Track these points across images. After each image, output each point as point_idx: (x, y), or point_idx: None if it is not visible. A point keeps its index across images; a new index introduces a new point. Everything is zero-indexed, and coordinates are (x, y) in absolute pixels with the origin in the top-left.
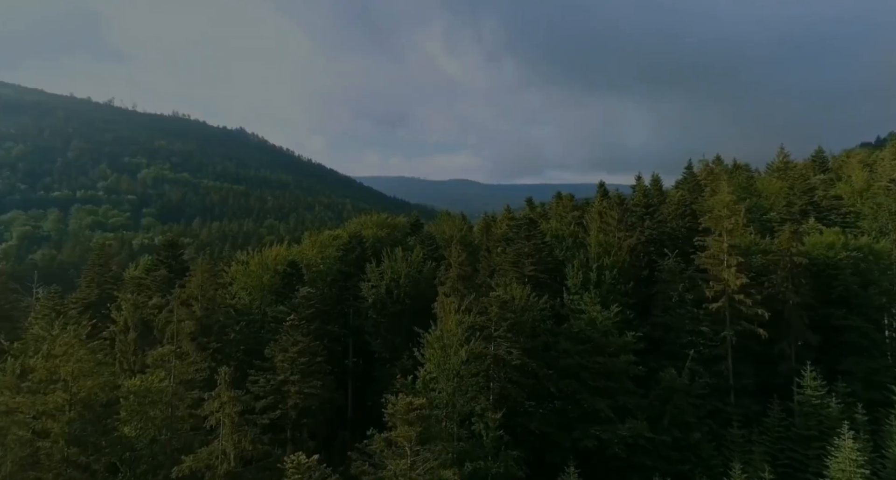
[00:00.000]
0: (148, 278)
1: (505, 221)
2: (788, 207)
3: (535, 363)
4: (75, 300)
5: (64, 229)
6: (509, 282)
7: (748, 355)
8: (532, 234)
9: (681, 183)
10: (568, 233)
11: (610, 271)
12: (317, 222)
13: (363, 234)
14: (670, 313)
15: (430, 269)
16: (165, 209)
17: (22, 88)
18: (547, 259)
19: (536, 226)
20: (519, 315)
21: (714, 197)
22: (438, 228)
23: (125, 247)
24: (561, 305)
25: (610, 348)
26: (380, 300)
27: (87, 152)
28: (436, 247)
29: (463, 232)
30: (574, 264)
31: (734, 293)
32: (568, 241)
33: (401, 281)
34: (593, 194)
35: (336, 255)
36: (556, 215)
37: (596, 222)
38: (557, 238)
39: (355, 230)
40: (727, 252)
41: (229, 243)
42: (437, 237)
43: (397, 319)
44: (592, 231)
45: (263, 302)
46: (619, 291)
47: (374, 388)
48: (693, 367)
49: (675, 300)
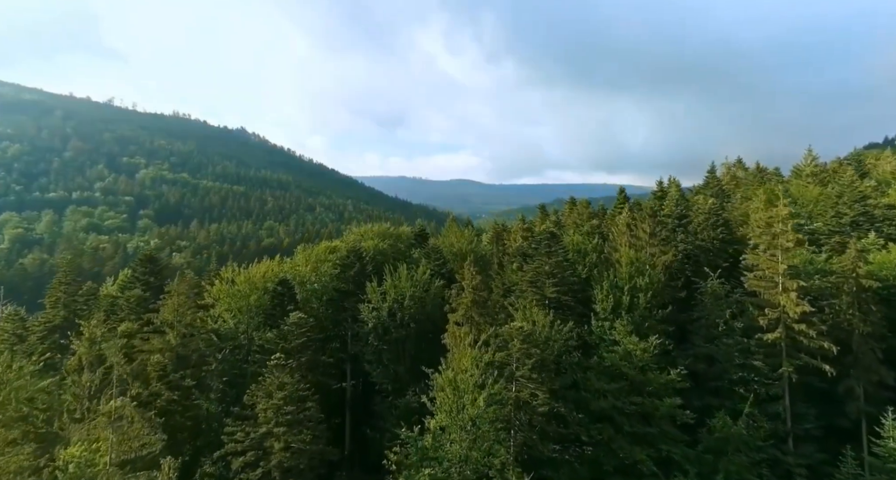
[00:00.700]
0: (122, 297)
1: (519, 232)
2: (837, 217)
3: (562, 405)
4: (38, 324)
5: (58, 231)
6: (528, 305)
7: (809, 393)
8: (553, 250)
9: (702, 188)
10: (591, 247)
11: (644, 293)
12: (317, 223)
13: (363, 246)
14: (716, 343)
15: (437, 288)
16: (163, 211)
17: (21, 87)
18: (571, 279)
19: (558, 241)
20: (543, 350)
21: (746, 205)
22: (446, 240)
23: (120, 250)
24: (588, 332)
25: (649, 386)
26: (381, 324)
27: (85, 152)
28: (443, 262)
29: (473, 245)
30: (603, 286)
31: (793, 323)
32: (592, 256)
33: (405, 303)
34: (595, 194)
35: (332, 272)
36: (571, 223)
37: (624, 236)
38: (579, 253)
39: (354, 243)
40: (784, 274)
41: (227, 246)
42: (445, 251)
43: (400, 345)
44: (622, 246)
45: (250, 326)
46: (656, 317)
47: (375, 423)
48: (749, 411)
49: (721, 329)
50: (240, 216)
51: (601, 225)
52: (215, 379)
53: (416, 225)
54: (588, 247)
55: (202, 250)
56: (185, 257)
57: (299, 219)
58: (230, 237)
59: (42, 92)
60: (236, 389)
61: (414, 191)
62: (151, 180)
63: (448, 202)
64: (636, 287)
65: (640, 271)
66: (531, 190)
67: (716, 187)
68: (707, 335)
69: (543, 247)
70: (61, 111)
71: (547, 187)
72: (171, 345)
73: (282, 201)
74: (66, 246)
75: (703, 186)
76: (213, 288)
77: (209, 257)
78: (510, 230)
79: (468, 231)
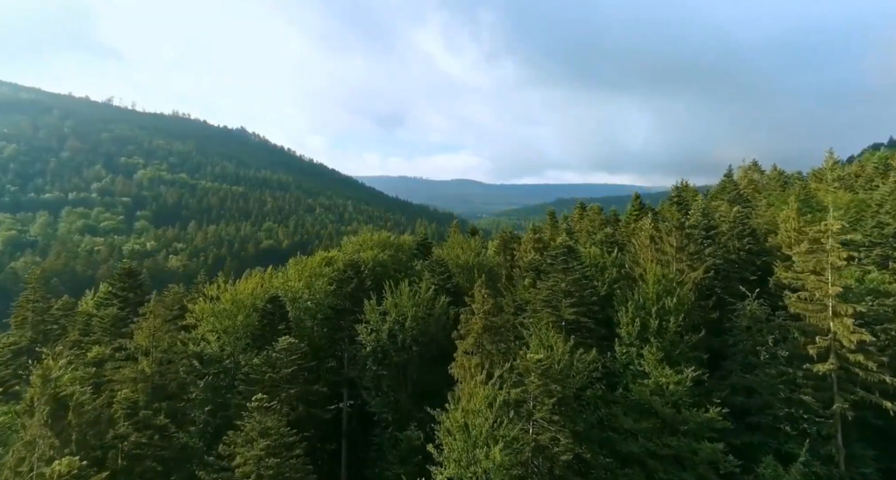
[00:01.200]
0: (95, 317)
1: (531, 243)
2: (878, 228)
3: (587, 449)
4: (1, 347)
5: (52, 233)
6: (544, 327)
7: (866, 432)
8: (570, 267)
9: (719, 192)
10: (610, 261)
11: (674, 316)
12: (317, 224)
13: (362, 257)
14: (756, 373)
15: (442, 306)
16: (160, 212)
17: (19, 87)
18: (591, 299)
19: (576, 256)
20: (564, 385)
21: (771, 212)
22: (450, 251)
23: (115, 253)
24: (612, 359)
25: (685, 426)
26: (380, 347)
27: (83, 152)
28: (448, 276)
29: (480, 257)
30: (628, 308)
31: (848, 353)
32: (611, 271)
33: (406, 324)
34: (596, 194)
35: (327, 288)
36: (583, 231)
37: (648, 250)
38: (597, 268)
39: (352, 254)
40: (835, 297)
41: (225, 248)
42: (450, 263)
43: (402, 370)
44: (645, 261)
45: (237, 348)
46: (688, 342)
47: (374, 457)
48: (804, 459)
49: (763, 358)
50: (238, 217)
51: (615, 233)
52: (196, 409)
53: (418, 233)
54: (607, 261)
55: (199, 252)
56: (182, 259)
57: (299, 220)
58: (228, 239)
59: (40, 91)
60: (220, 420)
61: (414, 191)
62: (149, 180)
63: (449, 202)
64: (664, 309)
65: (668, 290)
66: (532, 190)
67: (733, 192)
68: (745, 363)
69: (559, 263)
70: (59, 111)
71: (548, 186)
72: (145, 374)
73: (281, 201)
74: (59, 249)
75: (720, 190)
76: (196, 307)
77: (206, 260)
78: (520, 240)
79: (474, 241)
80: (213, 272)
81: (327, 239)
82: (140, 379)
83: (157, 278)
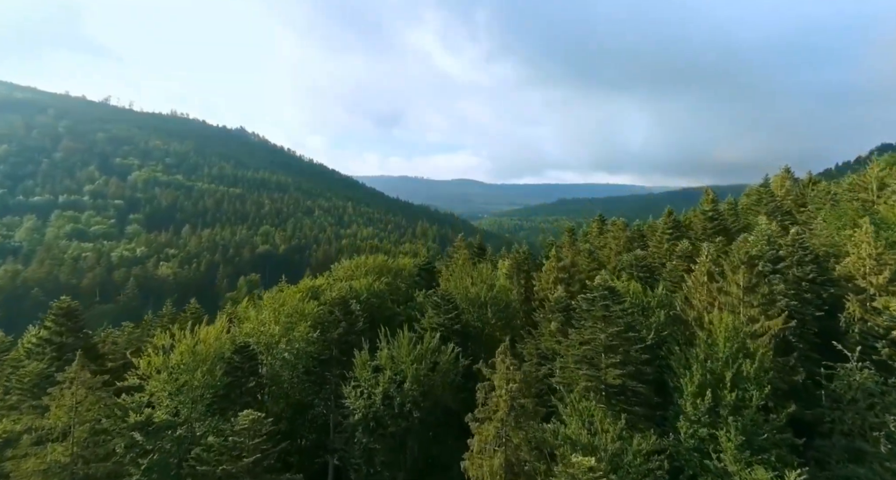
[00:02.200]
0: (17, 372)
1: (553, 272)
2: None
3: None
4: None
5: (39, 238)
6: (578, 392)
7: None
8: (612, 315)
9: (754, 204)
10: (656, 302)
11: (757, 388)
12: (315, 228)
13: (354, 287)
14: (871, 466)
15: (450, 359)
16: (154, 215)
17: (14, 86)
18: (639, 358)
19: (618, 299)
20: None
21: (830, 232)
22: (458, 282)
23: (103, 260)
24: (674, 442)
25: None
26: (373, 413)
27: (77, 153)
28: (456, 314)
29: (494, 291)
30: (692, 372)
31: None
32: (657, 314)
33: (406, 385)
34: (597, 194)
35: (309, 335)
36: (605, 247)
37: (704, 291)
38: (638, 307)
39: (343, 283)
40: None
41: (219, 253)
42: (458, 296)
43: (399, 442)
44: (701, 303)
45: (193, 411)
46: (775, 422)
47: None
48: None
49: (883, 448)
50: (235, 221)
51: (647, 256)
52: None
53: (419, 257)
54: (651, 300)
55: (192, 259)
56: (173, 266)
57: (297, 223)
58: (223, 244)
59: (36, 90)
60: None
61: (415, 191)
62: (144, 182)
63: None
64: (741, 375)
65: (742, 347)
66: (533, 190)
67: (771, 204)
68: (849, 448)
69: (598, 308)
70: (54, 110)
71: (549, 186)
72: (60, 465)
73: (279, 203)
74: (44, 255)
75: (756, 201)
76: (143, 362)
77: (198, 267)
78: (538, 265)
79: (486, 269)
80: (206, 280)
81: (325, 243)
82: (53, 472)
83: (145, 286)
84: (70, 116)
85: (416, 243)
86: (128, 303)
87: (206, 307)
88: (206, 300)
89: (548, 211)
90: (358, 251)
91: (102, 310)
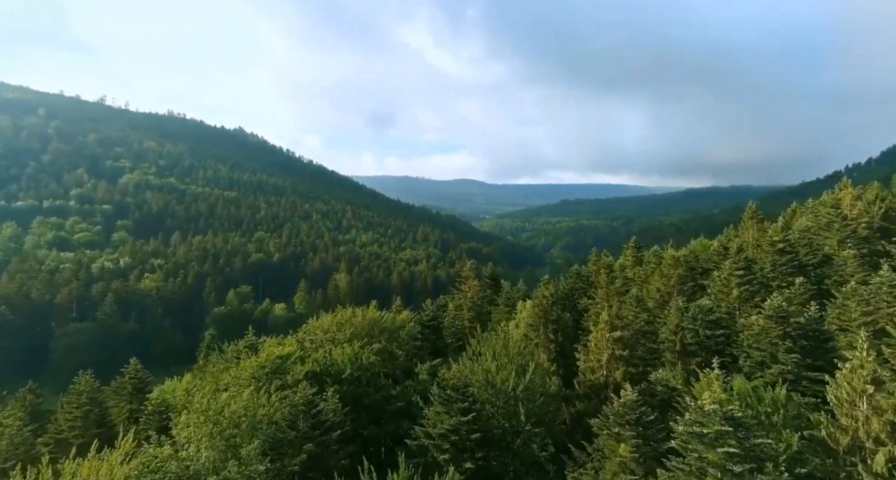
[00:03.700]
0: None
1: (607, 341)
2: None
3: None
4: None
5: (17, 247)
6: None
7: None
8: (736, 453)
9: (824, 229)
10: (783, 419)
11: None
12: (313, 233)
13: (334, 361)
14: None
15: None
16: (143, 221)
17: (4, 86)
18: None
19: (740, 424)
20: None
21: None
22: (471, 365)
23: (82, 272)
24: None
25: None
26: None
27: (66, 155)
28: (470, 406)
29: (514, 381)
30: None
31: None
32: (789, 438)
33: None
34: (597, 194)
35: (255, 465)
36: (653, 289)
37: (864, 404)
38: (742, 427)
39: (319, 357)
40: None
41: (209, 263)
42: (475, 385)
43: None
44: (858, 422)
45: None
46: None
47: None
48: None
49: None
50: (228, 226)
51: (713, 308)
52: None
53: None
54: (776, 417)
55: (178, 269)
56: (157, 279)
57: (293, 228)
58: (214, 252)
59: (27, 90)
60: None
61: (416, 191)
62: (135, 185)
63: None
64: None
65: None
66: (534, 190)
67: (839, 220)
68: None
69: (709, 438)
70: (45, 110)
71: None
72: None
73: (276, 207)
74: (17, 267)
75: (826, 225)
76: None
77: (185, 279)
78: (570, 305)
79: (513, 339)
80: (192, 293)
81: (323, 250)
82: None
83: (126, 302)
84: (62, 116)
85: (417, 248)
86: (105, 320)
87: (184, 336)
88: (191, 319)
89: (550, 212)
90: (356, 260)
91: (78, 329)
